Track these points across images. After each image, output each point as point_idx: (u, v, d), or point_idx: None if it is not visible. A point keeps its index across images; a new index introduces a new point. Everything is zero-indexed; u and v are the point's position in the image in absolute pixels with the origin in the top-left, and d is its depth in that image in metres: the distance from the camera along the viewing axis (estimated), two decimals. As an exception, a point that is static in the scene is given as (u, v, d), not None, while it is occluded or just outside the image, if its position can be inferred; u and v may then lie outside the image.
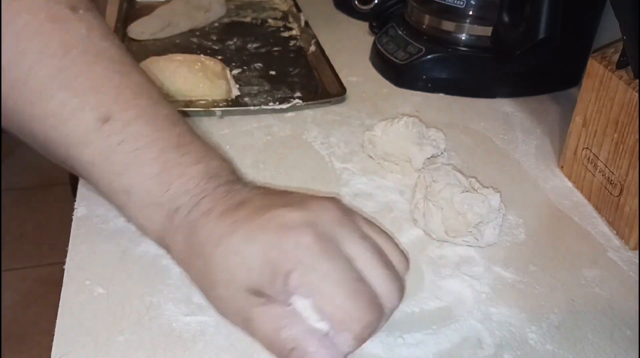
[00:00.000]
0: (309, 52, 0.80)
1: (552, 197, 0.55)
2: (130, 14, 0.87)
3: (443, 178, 0.48)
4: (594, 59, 0.53)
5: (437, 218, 0.47)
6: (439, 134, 0.56)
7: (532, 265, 0.46)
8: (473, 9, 0.69)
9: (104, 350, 0.36)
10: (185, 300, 0.40)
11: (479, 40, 0.70)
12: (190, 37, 0.83)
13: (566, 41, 0.69)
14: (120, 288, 0.41)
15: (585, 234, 0.50)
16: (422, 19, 0.74)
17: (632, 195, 0.48)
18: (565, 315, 0.42)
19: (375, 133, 0.57)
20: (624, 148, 0.49)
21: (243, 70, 0.74)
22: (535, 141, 0.63)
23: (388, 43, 0.76)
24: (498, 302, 0.42)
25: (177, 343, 0.37)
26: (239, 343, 0.38)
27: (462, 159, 0.59)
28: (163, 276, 0.42)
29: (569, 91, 0.75)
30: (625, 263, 0.47)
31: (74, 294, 0.40)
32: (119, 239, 0.45)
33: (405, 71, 0.72)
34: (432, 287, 0.43)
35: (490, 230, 0.47)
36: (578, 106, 0.56)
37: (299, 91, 0.69)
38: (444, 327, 0.40)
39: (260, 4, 0.96)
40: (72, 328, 0.38)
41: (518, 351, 0.39)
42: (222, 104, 0.65)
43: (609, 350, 0.39)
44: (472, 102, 0.71)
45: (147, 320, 0.39)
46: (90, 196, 0.49)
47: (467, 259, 0.46)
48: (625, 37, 0.48)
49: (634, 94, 0.48)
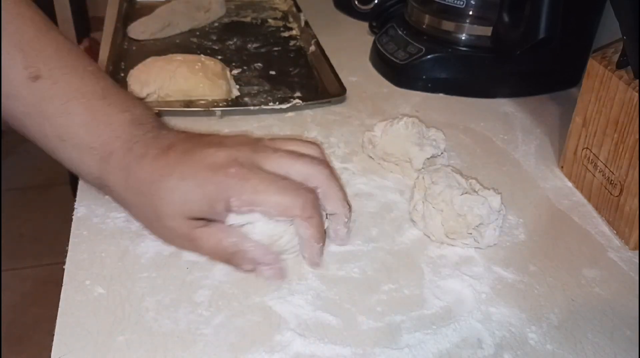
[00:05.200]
0: (309, 52, 0.80)
1: (552, 197, 0.55)
2: (130, 14, 0.87)
3: (443, 180, 0.48)
4: (594, 59, 0.53)
5: (437, 220, 0.47)
6: (439, 134, 0.56)
7: (532, 265, 0.46)
8: (473, 9, 0.69)
9: (104, 350, 0.36)
10: (186, 300, 0.40)
11: (479, 40, 0.70)
12: (190, 37, 0.83)
13: (566, 41, 0.69)
14: (120, 288, 0.41)
15: (585, 234, 0.50)
16: (422, 19, 0.74)
17: (632, 195, 0.48)
18: (565, 315, 0.42)
19: (375, 133, 0.57)
20: (624, 148, 0.49)
21: (243, 70, 0.74)
22: (535, 141, 0.63)
23: (388, 43, 0.76)
24: (498, 302, 0.42)
25: (177, 343, 0.37)
26: (238, 343, 0.38)
27: (462, 159, 0.59)
28: (163, 276, 0.42)
29: (569, 91, 0.75)
30: (625, 263, 0.47)
31: (74, 294, 0.40)
32: (119, 239, 0.45)
33: (405, 71, 0.72)
34: (432, 287, 0.43)
35: (490, 232, 0.47)
36: (578, 106, 0.56)
37: (299, 91, 0.69)
38: (444, 327, 0.40)
39: (260, 4, 0.96)
40: (72, 328, 0.38)
41: (518, 351, 0.39)
42: (222, 104, 0.65)
43: (609, 350, 0.39)
44: (472, 102, 0.71)
45: (147, 320, 0.39)
46: (90, 196, 0.49)
47: (467, 259, 0.46)
48: (625, 37, 0.48)
49: (634, 94, 0.48)
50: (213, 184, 0.41)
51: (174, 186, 0.41)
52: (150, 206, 0.42)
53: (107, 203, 0.49)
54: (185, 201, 0.41)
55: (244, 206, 0.41)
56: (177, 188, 0.41)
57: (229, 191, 0.40)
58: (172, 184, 0.41)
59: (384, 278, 0.44)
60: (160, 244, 0.45)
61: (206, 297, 0.41)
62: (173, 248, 0.45)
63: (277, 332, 0.39)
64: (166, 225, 0.42)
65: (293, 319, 0.40)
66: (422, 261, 0.46)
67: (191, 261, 0.44)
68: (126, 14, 0.87)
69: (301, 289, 0.42)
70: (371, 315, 0.40)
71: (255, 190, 0.41)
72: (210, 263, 0.44)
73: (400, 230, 0.49)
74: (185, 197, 0.41)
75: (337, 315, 0.40)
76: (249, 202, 0.41)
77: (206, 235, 0.42)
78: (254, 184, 0.41)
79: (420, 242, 0.48)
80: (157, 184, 0.41)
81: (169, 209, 0.41)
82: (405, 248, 0.47)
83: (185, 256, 0.44)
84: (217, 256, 0.43)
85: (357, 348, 0.38)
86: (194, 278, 0.42)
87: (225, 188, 0.40)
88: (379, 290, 0.43)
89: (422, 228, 0.48)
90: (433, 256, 0.46)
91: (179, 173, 0.41)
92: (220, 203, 0.41)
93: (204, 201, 0.41)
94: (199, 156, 0.42)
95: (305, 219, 0.42)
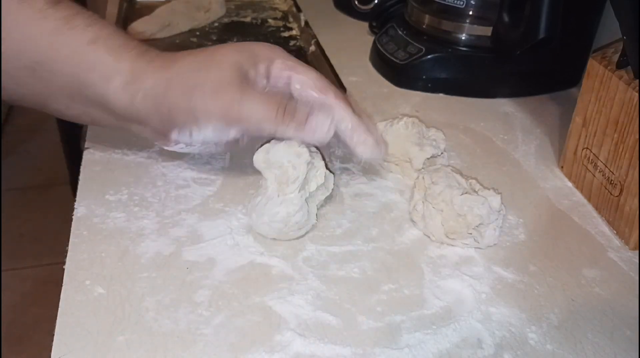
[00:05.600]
0: (309, 52, 0.80)
1: (552, 197, 0.55)
2: (130, 14, 0.87)
3: (443, 180, 0.48)
4: (594, 59, 0.53)
5: (437, 220, 0.47)
6: (439, 134, 0.56)
7: (532, 265, 0.46)
8: (473, 9, 0.69)
9: (104, 350, 0.36)
10: (186, 300, 0.40)
11: (479, 40, 0.70)
12: (190, 37, 0.83)
13: (566, 41, 0.69)
14: (120, 288, 0.41)
15: (585, 234, 0.50)
16: (422, 19, 0.74)
17: (632, 195, 0.48)
18: (565, 315, 0.42)
19: (375, 133, 0.57)
20: (624, 148, 0.49)
21: (243, 70, 0.74)
22: (535, 141, 0.63)
23: (388, 43, 0.76)
24: (498, 302, 0.42)
25: (177, 343, 0.37)
26: (238, 343, 0.38)
27: (462, 159, 0.59)
28: (163, 276, 0.42)
29: (569, 91, 0.75)
30: (625, 263, 0.47)
31: (74, 294, 0.40)
32: (119, 239, 0.45)
33: (405, 71, 0.72)
34: (432, 287, 0.43)
35: (490, 232, 0.47)
36: (578, 106, 0.56)
37: (299, 91, 0.69)
38: (444, 326, 0.40)
39: (260, 4, 0.96)
40: (72, 328, 0.38)
41: (518, 351, 0.39)
42: (222, 104, 0.65)
43: (609, 350, 0.39)
44: (472, 102, 0.71)
45: (147, 320, 0.39)
46: (90, 196, 0.49)
47: (467, 259, 0.46)
48: (625, 37, 0.48)
49: (634, 94, 0.48)
50: (259, 47, 0.46)
51: (219, 57, 0.44)
52: (197, 75, 0.43)
53: (107, 203, 0.49)
54: (230, 64, 0.44)
55: (287, 69, 0.45)
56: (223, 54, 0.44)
57: (276, 53, 0.46)
58: (217, 56, 0.44)
59: (384, 278, 0.44)
60: (160, 244, 0.45)
61: (206, 297, 0.41)
62: (173, 248, 0.45)
63: (277, 332, 0.39)
64: (213, 88, 0.43)
65: (293, 319, 0.40)
66: (422, 261, 0.46)
67: (191, 261, 0.44)
68: (126, 14, 0.86)
69: (301, 289, 0.42)
70: (371, 315, 0.40)
71: (299, 62, 0.46)
72: (210, 263, 0.44)
73: (400, 230, 0.49)
74: (229, 61, 0.44)
75: (337, 315, 0.40)
76: (292, 67, 0.45)
77: (253, 94, 0.43)
78: (298, 62, 0.47)
79: (420, 242, 0.48)
80: (210, 55, 0.45)
81: (215, 74, 0.43)
82: (405, 248, 0.47)
83: (185, 256, 0.44)
84: (264, 115, 0.43)
85: (357, 348, 0.38)
86: (194, 278, 0.42)
87: (274, 50, 0.46)
88: (379, 290, 0.43)
89: (422, 228, 0.48)
90: (433, 256, 0.46)
91: (218, 50, 0.45)
92: (264, 62, 0.45)
93: (250, 57, 0.45)
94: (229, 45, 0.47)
95: (339, 99, 0.46)
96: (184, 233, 0.46)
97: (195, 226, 0.47)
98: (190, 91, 0.43)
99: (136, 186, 0.51)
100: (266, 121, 0.44)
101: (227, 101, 0.43)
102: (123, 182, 0.51)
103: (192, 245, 0.45)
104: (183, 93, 0.43)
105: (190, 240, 0.46)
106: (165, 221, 0.47)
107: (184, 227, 0.47)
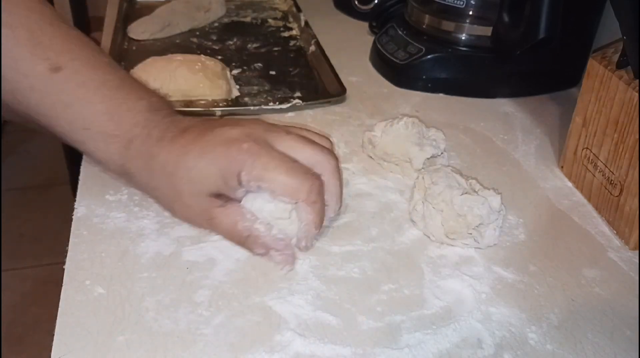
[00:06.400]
0: (309, 52, 0.80)
1: (552, 197, 0.55)
2: (130, 14, 0.87)
3: (443, 180, 0.48)
4: (594, 59, 0.53)
5: (437, 220, 0.47)
6: (439, 134, 0.56)
7: (532, 265, 0.46)
8: (473, 9, 0.69)
9: (104, 350, 0.36)
10: (186, 300, 0.40)
11: (479, 40, 0.70)
12: (190, 37, 0.83)
13: (566, 41, 0.69)
14: (120, 288, 0.41)
15: (585, 234, 0.50)
16: (422, 19, 0.74)
17: (632, 195, 0.48)
18: (565, 315, 0.42)
19: (375, 133, 0.57)
20: (624, 148, 0.49)
21: (243, 70, 0.74)
22: (535, 141, 0.63)
23: (388, 43, 0.76)
24: (498, 302, 0.42)
25: (177, 343, 0.37)
26: (238, 343, 0.38)
27: (462, 159, 0.59)
28: (163, 276, 0.42)
29: (569, 91, 0.75)
30: (625, 263, 0.47)
31: (74, 294, 0.40)
32: (119, 239, 0.45)
33: (405, 71, 0.72)
34: (432, 287, 0.43)
35: (490, 232, 0.47)
36: (578, 106, 0.56)
37: (299, 91, 0.69)
38: (444, 326, 0.40)
39: (260, 4, 0.96)
40: (72, 328, 0.38)
41: (518, 351, 0.39)
42: (222, 104, 0.65)
43: (609, 350, 0.39)
44: (472, 102, 0.71)
45: (147, 320, 0.39)
46: (90, 196, 0.49)
47: (467, 259, 0.46)
48: (625, 37, 0.48)
49: (634, 94, 0.48)
50: (226, 158, 0.42)
51: (192, 164, 0.42)
52: (171, 186, 0.43)
53: (107, 203, 0.49)
54: (203, 177, 0.42)
55: (253, 181, 0.42)
56: (195, 166, 0.42)
57: (241, 165, 0.42)
58: (190, 162, 0.42)
59: (384, 278, 0.44)
60: (160, 244, 0.45)
61: (206, 297, 0.41)
62: (173, 248, 0.45)
63: (277, 332, 0.39)
64: (187, 203, 0.44)
65: (293, 319, 0.40)
66: (422, 261, 0.46)
67: (191, 261, 0.44)
68: (126, 14, 0.87)
69: (301, 289, 0.42)
70: (371, 315, 0.40)
71: (265, 167, 0.42)
72: (210, 263, 0.44)
73: (400, 230, 0.49)
74: (202, 174, 0.42)
75: (337, 315, 0.40)
76: (258, 178, 0.42)
77: (223, 215, 0.43)
78: (265, 162, 0.42)
79: (420, 242, 0.48)
80: (177, 164, 0.43)
81: (189, 187, 0.43)
82: (405, 248, 0.47)
83: (185, 256, 0.44)
84: (232, 238, 0.44)
85: (357, 348, 0.38)
86: (194, 278, 0.42)
87: (238, 162, 0.42)
88: (379, 290, 0.43)
89: (422, 228, 0.48)
90: (433, 256, 0.46)
91: (196, 151, 0.42)
92: (233, 177, 0.42)
93: (218, 176, 0.42)
94: (214, 134, 0.43)
95: (309, 203, 0.43)
96: (184, 233, 0.46)
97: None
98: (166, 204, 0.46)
99: (136, 186, 0.51)
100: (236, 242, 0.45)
101: (199, 222, 0.45)
102: (123, 182, 0.51)
103: (192, 245, 0.45)
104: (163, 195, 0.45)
105: (190, 240, 0.46)
106: (165, 221, 0.47)
107: (184, 227, 0.47)
